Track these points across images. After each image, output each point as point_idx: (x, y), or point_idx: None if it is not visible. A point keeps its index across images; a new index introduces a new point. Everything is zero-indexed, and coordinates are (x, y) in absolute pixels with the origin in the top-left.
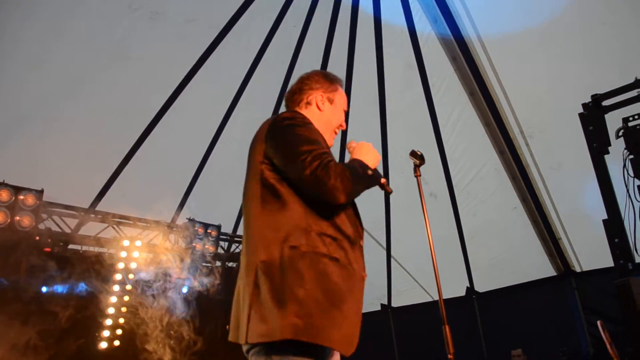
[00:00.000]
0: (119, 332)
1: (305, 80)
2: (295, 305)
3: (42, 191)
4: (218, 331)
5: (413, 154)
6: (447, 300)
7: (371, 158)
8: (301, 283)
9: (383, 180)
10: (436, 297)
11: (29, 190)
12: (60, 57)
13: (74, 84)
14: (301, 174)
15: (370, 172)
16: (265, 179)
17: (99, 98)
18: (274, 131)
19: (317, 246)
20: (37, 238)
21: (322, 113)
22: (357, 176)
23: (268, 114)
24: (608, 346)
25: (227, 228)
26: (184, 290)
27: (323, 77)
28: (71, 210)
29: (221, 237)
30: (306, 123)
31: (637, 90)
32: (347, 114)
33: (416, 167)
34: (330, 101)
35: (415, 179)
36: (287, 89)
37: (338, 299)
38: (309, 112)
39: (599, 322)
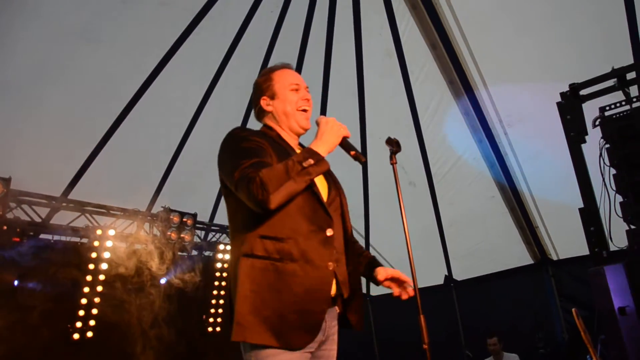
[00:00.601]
0: (92, 323)
1: (251, 98)
2: (239, 309)
3: (9, 179)
4: (193, 320)
5: (389, 141)
6: (425, 289)
7: (327, 140)
8: (243, 287)
9: (352, 152)
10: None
11: None
12: (26, 42)
13: (43, 70)
14: (235, 190)
15: (311, 161)
16: (226, 195)
17: (69, 84)
18: (219, 151)
19: (263, 250)
20: (5, 227)
21: (272, 112)
22: (286, 176)
23: (245, 101)
24: (582, 333)
25: (204, 217)
26: (160, 279)
27: (257, 83)
28: (42, 199)
29: (197, 225)
30: (241, 139)
31: (613, 80)
32: (324, 97)
33: (392, 154)
34: (272, 97)
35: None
36: None
37: (281, 300)
38: (268, 120)
39: (573, 310)
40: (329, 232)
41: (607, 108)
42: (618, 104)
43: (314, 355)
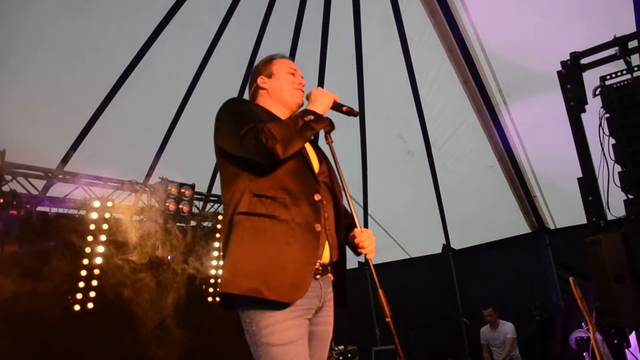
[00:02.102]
0: (92, 294)
1: (250, 80)
2: (230, 265)
3: (3, 151)
4: (193, 290)
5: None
6: (423, 257)
7: (321, 102)
8: (238, 242)
9: (345, 108)
10: (413, 255)
11: None
12: (14, 12)
13: (35, 41)
14: (236, 147)
15: (311, 117)
16: (221, 162)
17: (60, 54)
18: (216, 118)
19: (256, 207)
20: (1, 200)
21: (266, 90)
22: (292, 128)
23: (242, 69)
24: (579, 301)
25: (202, 187)
26: (159, 251)
27: (257, 66)
28: (38, 171)
29: (196, 196)
30: (238, 104)
31: (615, 48)
32: (322, 66)
33: (327, 135)
34: (269, 76)
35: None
36: None
37: (272, 253)
38: (262, 98)
39: (570, 279)
40: (317, 197)
41: (608, 77)
42: (619, 73)
43: (312, 322)
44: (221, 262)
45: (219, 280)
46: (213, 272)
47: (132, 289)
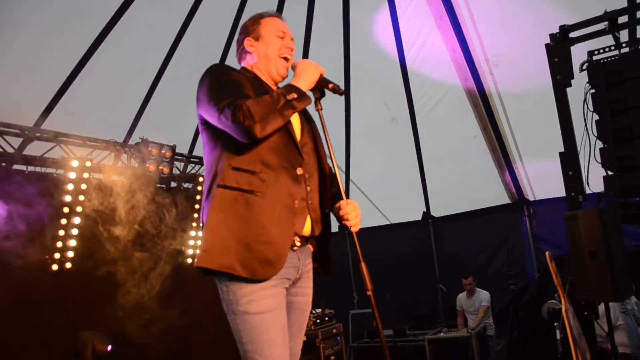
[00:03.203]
0: (70, 254)
1: (237, 38)
2: (206, 237)
3: None
4: (171, 251)
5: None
6: (403, 224)
7: (307, 77)
8: (214, 216)
9: (331, 85)
10: (393, 221)
11: None
12: None
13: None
14: (215, 120)
15: (295, 94)
16: (203, 130)
17: (40, 11)
18: (198, 86)
19: (234, 181)
20: None
21: (253, 54)
22: (272, 107)
23: (226, 31)
24: (554, 276)
25: (183, 148)
26: (138, 211)
27: (245, 24)
28: (13, 129)
29: (176, 157)
30: (220, 72)
31: (604, 23)
32: (308, 36)
33: (317, 101)
34: (257, 38)
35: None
36: None
37: (247, 229)
38: (248, 62)
39: (547, 253)
40: (299, 171)
41: (596, 52)
42: (607, 49)
43: (289, 293)
44: (201, 224)
45: (198, 242)
46: (193, 233)
47: (110, 249)
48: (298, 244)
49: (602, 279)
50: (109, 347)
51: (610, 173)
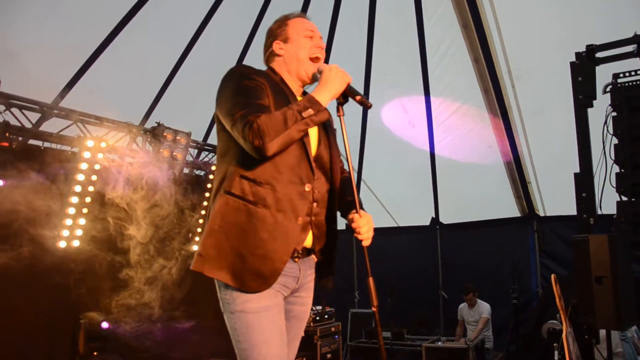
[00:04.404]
0: (79, 233)
1: (265, 43)
2: (204, 241)
3: None
4: (180, 237)
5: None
6: (411, 227)
7: (331, 88)
8: (215, 222)
9: (358, 97)
10: (401, 224)
11: None
12: None
13: None
14: (229, 128)
15: (312, 111)
16: (219, 130)
17: None
18: (219, 86)
19: (240, 190)
20: None
21: (283, 57)
22: (285, 125)
23: (250, 22)
24: (557, 299)
25: (197, 136)
26: (150, 195)
27: (271, 28)
28: (33, 104)
29: (190, 144)
30: (242, 77)
31: (633, 45)
32: (332, 34)
33: (339, 106)
34: (285, 40)
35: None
36: None
37: (245, 240)
38: (277, 64)
39: (552, 276)
40: (307, 187)
41: (621, 75)
42: (633, 73)
43: (288, 301)
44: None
45: None
46: (201, 220)
47: (119, 230)
48: (300, 255)
49: (605, 306)
50: (104, 324)
51: (624, 198)
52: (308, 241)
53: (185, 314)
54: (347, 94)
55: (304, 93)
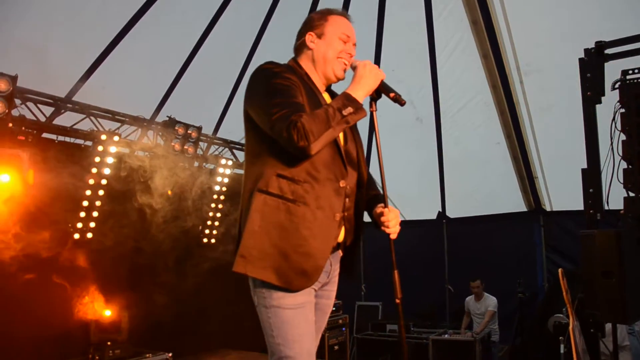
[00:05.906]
0: (92, 225)
1: (300, 29)
2: (244, 242)
3: (15, 77)
4: (190, 230)
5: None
6: (417, 221)
7: (366, 84)
8: (255, 222)
9: (392, 94)
10: (407, 217)
11: (2, 75)
12: None
13: None
14: (267, 128)
15: (351, 109)
16: (248, 129)
17: None
18: (248, 84)
19: (278, 188)
20: (10, 125)
21: (313, 51)
22: (327, 124)
23: (261, 18)
24: (564, 293)
25: (208, 129)
26: (161, 188)
27: (311, 17)
28: (47, 98)
29: (201, 138)
30: (275, 75)
31: None
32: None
33: (372, 102)
34: (320, 35)
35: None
36: None
37: (287, 239)
38: (304, 57)
39: (559, 270)
40: (342, 184)
41: (630, 72)
42: None
43: (317, 295)
44: (220, 206)
45: (216, 223)
46: (211, 214)
47: (131, 223)
48: (333, 250)
49: (612, 301)
50: (108, 312)
51: (631, 194)
52: (341, 236)
53: (199, 304)
54: (380, 91)
55: (328, 90)
